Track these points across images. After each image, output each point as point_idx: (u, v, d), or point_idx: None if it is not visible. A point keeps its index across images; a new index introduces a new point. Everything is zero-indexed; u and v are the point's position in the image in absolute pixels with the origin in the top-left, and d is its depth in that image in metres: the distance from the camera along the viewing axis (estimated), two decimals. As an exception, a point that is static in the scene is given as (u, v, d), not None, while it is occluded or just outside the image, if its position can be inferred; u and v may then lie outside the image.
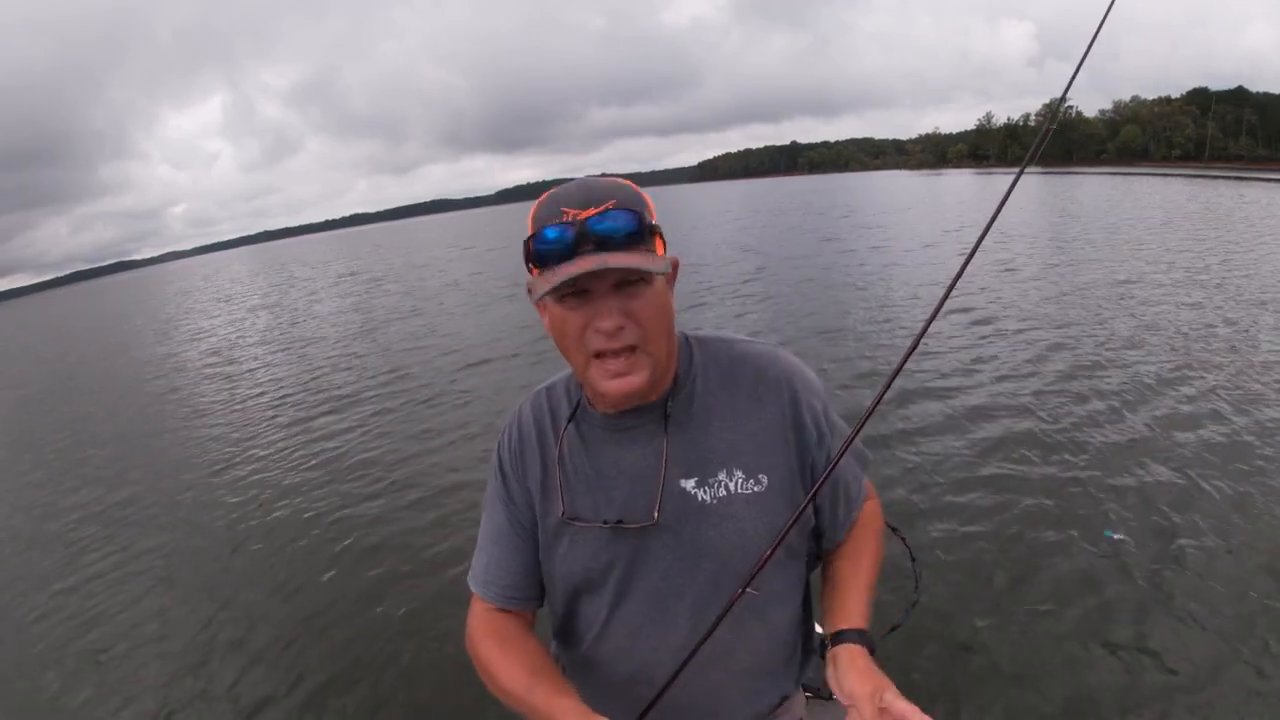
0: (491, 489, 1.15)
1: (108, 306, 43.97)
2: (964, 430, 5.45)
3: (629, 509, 1.03)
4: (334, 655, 3.57)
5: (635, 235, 0.90)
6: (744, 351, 1.09)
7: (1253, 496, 4.06)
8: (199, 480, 6.54)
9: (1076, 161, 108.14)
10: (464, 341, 11.46)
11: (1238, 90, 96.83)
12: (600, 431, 1.06)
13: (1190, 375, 6.24)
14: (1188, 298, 9.40)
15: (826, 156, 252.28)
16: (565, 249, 0.89)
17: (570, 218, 0.90)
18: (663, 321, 0.96)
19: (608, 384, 0.94)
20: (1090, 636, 3.07)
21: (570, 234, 0.89)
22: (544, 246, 0.90)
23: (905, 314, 9.87)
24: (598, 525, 1.04)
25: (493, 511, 1.14)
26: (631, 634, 1.07)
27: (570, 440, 1.08)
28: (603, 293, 0.90)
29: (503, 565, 1.12)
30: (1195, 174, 56.16)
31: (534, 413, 1.13)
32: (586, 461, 1.06)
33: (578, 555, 1.06)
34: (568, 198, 0.92)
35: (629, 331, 0.92)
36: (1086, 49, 1.19)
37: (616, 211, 0.90)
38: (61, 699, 3.54)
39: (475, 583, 1.15)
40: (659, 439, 1.03)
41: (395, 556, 4.47)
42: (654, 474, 1.02)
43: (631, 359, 0.93)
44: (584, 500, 1.06)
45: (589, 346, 0.93)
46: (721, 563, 1.02)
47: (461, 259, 31.28)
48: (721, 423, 1.04)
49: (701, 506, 1.01)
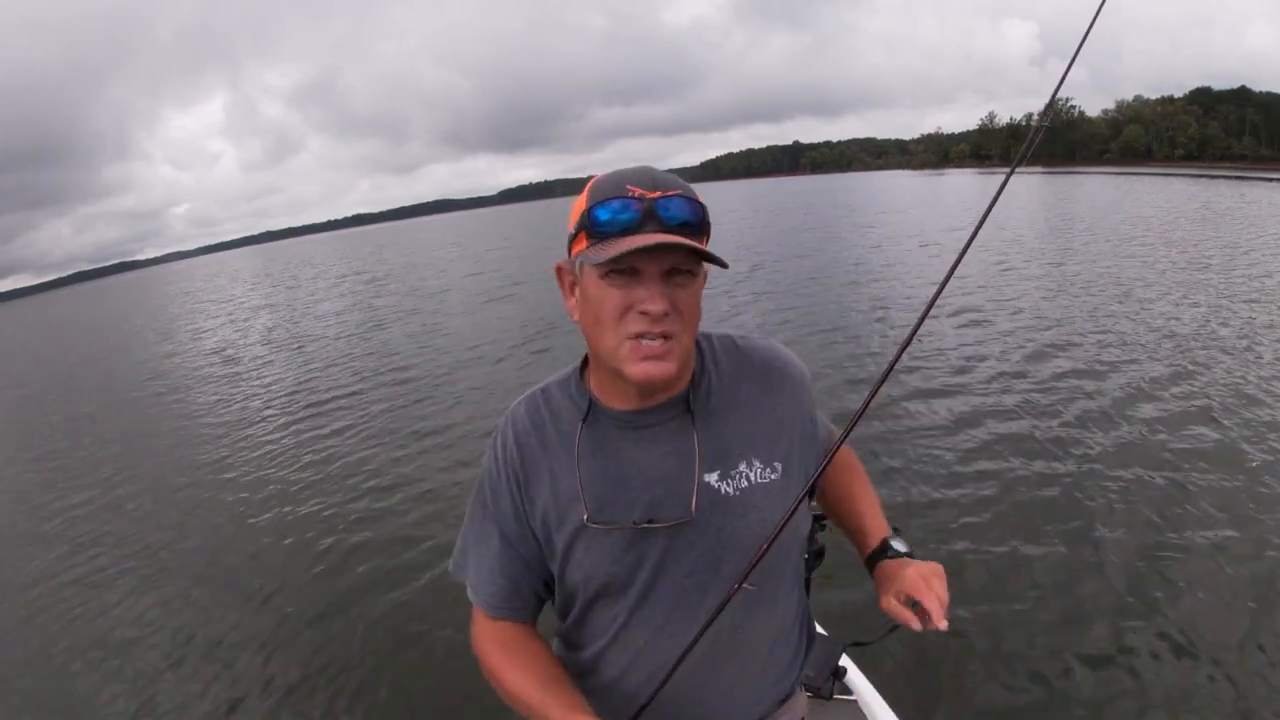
0: (481, 499, 1.11)
1: (109, 307, 44.08)
2: (963, 430, 5.45)
3: (657, 508, 1.01)
4: (331, 648, 3.59)
5: (697, 226, 0.92)
6: (749, 346, 1.11)
7: (1241, 495, 4.07)
8: (197, 479, 6.56)
9: (1079, 161, 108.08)
10: (459, 340, 11.49)
11: (1240, 90, 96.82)
12: (616, 430, 1.04)
13: (1184, 376, 6.23)
14: (1185, 298, 9.39)
15: (829, 156, 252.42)
16: (627, 224, 0.89)
17: (637, 194, 0.90)
18: (697, 318, 0.97)
19: (639, 366, 0.91)
20: (1085, 633, 3.07)
21: (636, 210, 0.89)
22: (608, 217, 0.89)
23: (900, 314, 9.87)
24: (623, 527, 1.01)
25: (485, 521, 1.10)
26: (654, 633, 1.05)
27: (585, 443, 1.04)
28: (653, 275, 0.90)
29: (500, 574, 1.09)
30: (1198, 174, 56.10)
31: (531, 419, 1.08)
32: (605, 462, 1.03)
33: (599, 559, 1.03)
34: (634, 177, 0.92)
35: (672, 319, 0.91)
36: (1075, 52, 1.19)
37: (683, 199, 0.91)
38: (58, 693, 3.55)
39: (475, 593, 1.12)
40: (683, 435, 1.02)
41: (398, 553, 4.48)
42: (681, 470, 1.01)
43: (668, 345, 0.92)
44: (606, 502, 1.02)
45: (628, 328, 0.91)
46: (745, 555, 1.00)
47: (461, 259, 31.31)
48: (737, 414, 1.05)
49: (726, 499, 1.01)
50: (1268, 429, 4.92)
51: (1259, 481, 4.21)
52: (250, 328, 17.96)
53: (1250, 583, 3.31)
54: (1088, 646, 3.01)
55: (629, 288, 0.90)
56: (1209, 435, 4.94)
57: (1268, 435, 4.82)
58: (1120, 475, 4.48)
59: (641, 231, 0.88)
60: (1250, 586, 3.28)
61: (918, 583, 0.97)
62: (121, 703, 3.41)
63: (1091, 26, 1.20)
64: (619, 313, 0.91)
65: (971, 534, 3.98)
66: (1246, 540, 3.63)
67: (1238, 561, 3.49)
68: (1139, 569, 3.51)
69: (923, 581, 0.96)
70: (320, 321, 16.78)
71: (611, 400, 1.04)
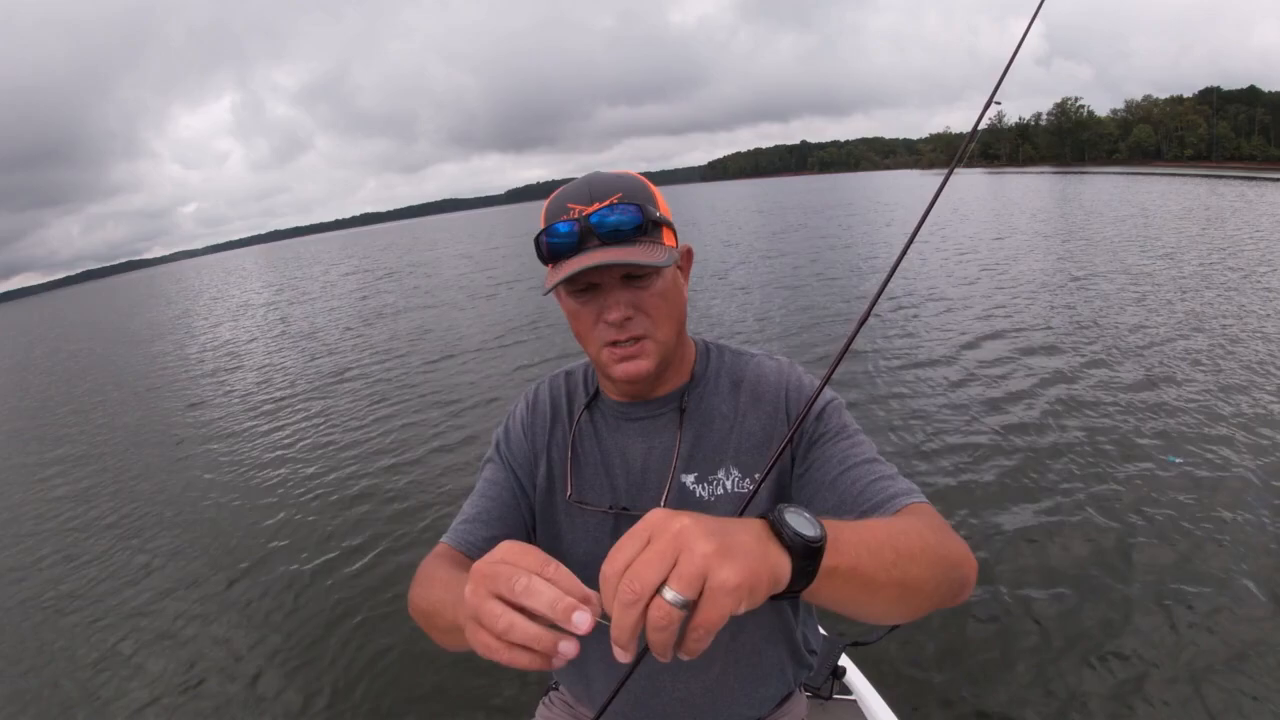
0: (488, 454, 1.17)
1: (118, 304, 44.19)
2: (962, 429, 5.42)
3: (634, 497, 1.05)
4: (350, 650, 3.59)
5: (639, 229, 0.93)
6: (755, 363, 1.11)
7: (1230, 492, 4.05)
8: (192, 478, 6.58)
9: (1088, 161, 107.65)
10: (468, 338, 11.49)
11: (1250, 90, 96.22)
12: (612, 420, 1.10)
13: (1182, 377, 6.20)
14: (1185, 298, 9.33)
15: (837, 156, 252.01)
16: (571, 244, 0.92)
17: (576, 213, 0.93)
18: (671, 310, 0.99)
19: (617, 368, 0.98)
20: (1086, 633, 3.05)
21: (575, 230, 0.91)
22: (553, 241, 0.93)
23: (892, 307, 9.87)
24: (602, 510, 1.06)
25: (486, 471, 1.14)
26: None
27: (584, 426, 1.12)
28: (611, 285, 0.94)
29: (481, 519, 1.07)
30: (1208, 174, 55.72)
31: (552, 392, 1.17)
32: (596, 447, 1.10)
33: (579, 536, 1.08)
34: (574, 194, 0.95)
35: (637, 322, 0.96)
36: (1013, 53, 1.17)
37: (620, 205, 0.92)
38: (68, 691, 3.58)
39: (449, 534, 1.06)
40: (670, 432, 1.06)
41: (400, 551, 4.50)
42: (661, 466, 1.05)
43: (640, 345, 0.97)
44: (590, 484, 1.08)
45: (601, 336, 0.97)
46: None
47: (466, 257, 31.33)
48: (724, 422, 1.06)
49: (700, 502, 1.02)
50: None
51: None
52: (257, 323, 18.00)
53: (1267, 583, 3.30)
54: (1088, 646, 3.00)
55: (594, 300, 0.96)
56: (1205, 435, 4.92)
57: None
58: (1126, 471, 4.47)
59: (583, 248, 0.92)
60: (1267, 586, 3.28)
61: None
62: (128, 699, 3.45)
63: (1025, 34, 1.18)
64: (591, 324, 0.97)
65: (972, 534, 3.98)
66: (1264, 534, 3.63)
67: (1257, 554, 3.48)
68: (1143, 570, 3.49)
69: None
70: (330, 317, 16.80)
71: (611, 393, 1.11)
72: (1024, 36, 1.17)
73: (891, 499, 0.89)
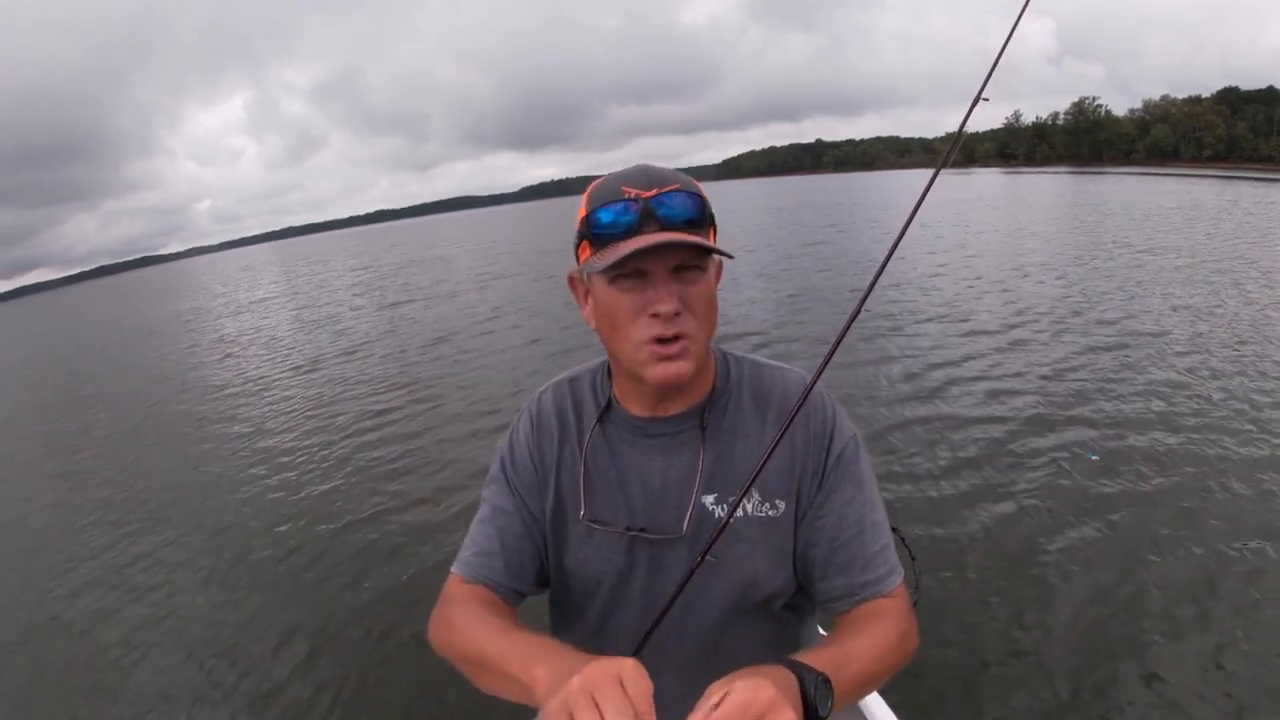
0: (493, 474, 1.11)
1: (131, 301, 44.45)
2: (961, 428, 5.41)
3: (651, 518, 1.01)
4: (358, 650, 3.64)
5: (698, 221, 0.90)
6: (777, 376, 1.07)
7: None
8: (190, 476, 6.68)
9: (1106, 161, 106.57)
10: (477, 337, 11.56)
11: (1269, 90, 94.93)
12: (627, 435, 1.04)
13: (1188, 380, 6.17)
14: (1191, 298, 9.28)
15: (852, 155, 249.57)
16: (628, 227, 0.87)
17: (633, 195, 0.88)
18: (711, 313, 0.94)
19: (657, 368, 0.90)
20: (1086, 634, 3.05)
21: (633, 212, 0.87)
22: (605, 222, 0.88)
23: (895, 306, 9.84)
24: (617, 531, 1.02)
25: (493, 497, 1.09)
26: (632, 640, 1.01)
27: (596, 442, 1.05)
28: (661, 275, 0.88)
29: (496, 550, 1.05)
30: (1226, 175, 55.15)
31: (557, 404, 1.10)
32: (610, 464, 1.04)
33: (591, 555, 1.04)
34: (629, 178, 0.90)
35: (684, 318, 0.89)
36: (998, 55, 1.18)
37: (680, 194, 0.89)
38: (81, 686, 3.65)
39: (461, 565, 1.05)
40: (690, 450, 1.01)
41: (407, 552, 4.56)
42: (681, 485, 1.00)
43: (682, 345, 0.90)
44: (604, 503, 1.03)
45: (643, 331, 0.89)
46: (729, 581, 1.00)
47: (475, 255, 31.38)
48: (747, 442, 1.02)
49: (719, 525, 0.96)
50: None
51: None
52: (269, 320, 18.11)
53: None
54: (1089, 647, 3.01)
55: (639, 290, 0.89)
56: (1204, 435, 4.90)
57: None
58: (1133, 469, 4.48)
59: (642, 232, 0.86)
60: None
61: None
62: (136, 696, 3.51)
63: (1011, 35, 1.19)
64: (632, 316, 0.89)
65: (972, 532, 3.98)
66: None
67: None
68: (1143, 573, 3.49)
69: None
70: (346, 311, 16.88)
71: (629, 403, 1.04)
72: (1009, 36, 1.20)
73: (878, 582, 0.98)
